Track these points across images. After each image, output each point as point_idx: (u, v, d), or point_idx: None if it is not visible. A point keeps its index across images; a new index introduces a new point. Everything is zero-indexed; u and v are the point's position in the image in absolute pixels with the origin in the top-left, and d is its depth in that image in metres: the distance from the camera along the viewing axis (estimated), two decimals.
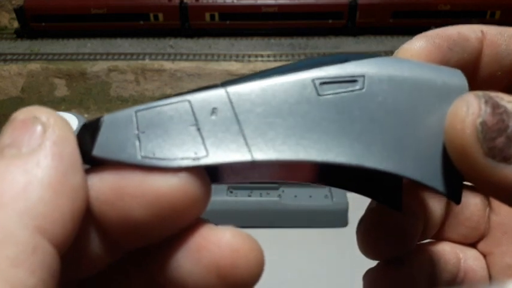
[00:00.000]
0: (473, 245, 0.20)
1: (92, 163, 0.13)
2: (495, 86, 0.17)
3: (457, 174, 0.14)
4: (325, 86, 0.14)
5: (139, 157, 0.13)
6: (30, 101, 1.00)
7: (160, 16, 1.03)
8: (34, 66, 0.98)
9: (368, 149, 0.14)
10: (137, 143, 0.13)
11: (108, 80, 0.98)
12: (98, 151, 0.13)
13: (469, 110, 0.12)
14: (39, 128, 0.12)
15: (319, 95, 0.14)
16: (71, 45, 1.06)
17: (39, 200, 0.11)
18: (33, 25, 1.06)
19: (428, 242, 0.20)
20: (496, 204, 0.19)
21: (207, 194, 0.14)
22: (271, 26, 1.04)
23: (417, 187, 0.18)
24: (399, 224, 0.17)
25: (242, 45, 1.04)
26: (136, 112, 0.13)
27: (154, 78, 0.97)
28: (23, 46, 1.06)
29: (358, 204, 0.93)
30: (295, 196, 0.81)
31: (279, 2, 1.00)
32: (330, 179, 0.17)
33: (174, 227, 0.13)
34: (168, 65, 0.96)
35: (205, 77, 0.96)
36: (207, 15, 1.02)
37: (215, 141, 0.13)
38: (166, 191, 0.13)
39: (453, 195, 0.14)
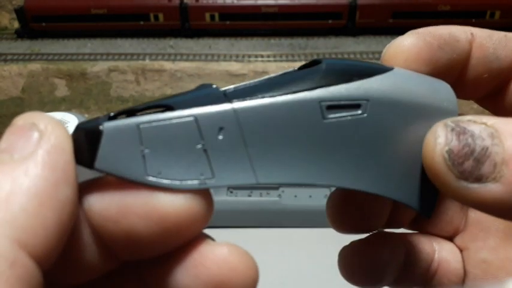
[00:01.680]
0: (450, 239, 0.20)
1: (92, 170, 0.12)
2: (482, 88, 0.18)
3: (433, 192, 0.15)
4: (330, 110, 0.14)
5: (145, 176, 0.12)
6: (30, 101, 1.00)
7: (161, 16, 1.03)
8: (34, 66, 0.98)
9: (358, 174, 0.14)
10: (143, 160, 0.12)
11: (108, 80, 0.98)
12: (100, 164, 0.12)
13: (437, 140, 0.14)
14: (35, 135, 0.12)
15: (324, 118, 0.14)
16: (71, 46, 1.06)
17: (22, 211, 0.11)
18: (33, 25, 1.07)
19: (405, 231, 0.20)
20: None
21: (210, 212, 0.14)
22: (271, 26, 1.04)
23: None
24: (364, 199, 0.18)
25: (242, 45, 1.04)
26: (139, 125, 0.12)
27: (154, 78, 0.97)
28: (23, 46, 1.07)
29: None
30: (295, 196, 0.81)
31: (279, 3, 1.00)
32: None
33: (175, 243, 0.13)
34: (168, 65, 0.96)
35: (205, 77, 0.96)
36: (207, 16, 1.02)
37: (221, 163, 0.13)
38: (172, 210, 0.12)
39: (427, 212, 0.16)
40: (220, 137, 0.13)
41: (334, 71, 0.14)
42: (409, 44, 0.16)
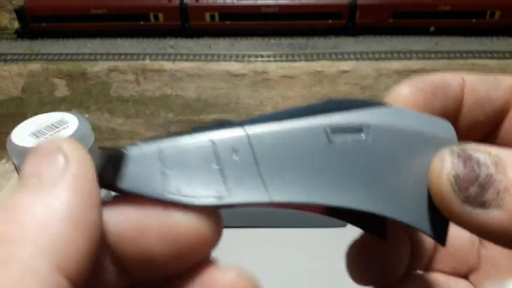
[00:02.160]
0: (465, 277, 0.21)
1: (121, 193, 0.14)
2: (479, 130, 0.18)
3: (444, 218, 0.15)
4: (335, 134, 0.15)
5: (164, 193, 0.13)
6: (30, 101, 1.00)
7: (161, 16, 1.03)
8: (34, 66, 0.98)
9: (368, 195, 0.15)
10: (163, 179, 0.13)
11: (108, 80, 0.98)
12: (124, 184, 0.13)
13: (443, 165, 0.14)
14: (61, 159, 0.12)
15: (330, 141, 0.15)
16: (71, 46, 1.06)
17: (59, 236, 0.11)
18: (33, 25, 1.07)
19: (421, 272, 0.21)
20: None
21: (220, 233, 0.14)
22: (271, 26, 1.04)
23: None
24: (384, 251, 0.19)
25: (242, 45, 1.04)
26: (160, 148, 0.14)
27: (154, 78, 0.97)
28: (23, 46, 1.07)
29: None
30: None
31: (278, 2, 1.00)
32: (328, 212, 0.19)
33: (186, 263, 0.14)
34: (168, 65, 0.96)
35: (205, 77, 0.96)
36: (207, 16, 1.02)
37: (236, 182, 0.14)
38: (188, 230, 0.13)
39: (439, 238, 0.16)
40: (235, 158, 0.14)
41: (338, 103, 0.16)
42: (405, 93, 0.17)
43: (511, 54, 0.98)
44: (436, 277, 0.21)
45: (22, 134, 0.51)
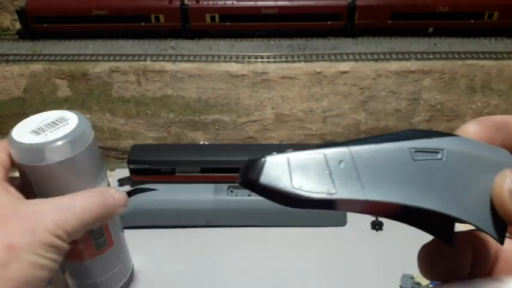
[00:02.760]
0: None
1: (258, 188, 0.19)
2: None
3: (503, 222, 0.20)
4: (418, 153, 0.20)
5: (291, 188, 0.19)
6: (32, 101, 1.01)
7: (162, 18, 1.03)
8: (36, 67, 0.99)
9: (444, 201, 0.19)
10: (290, 178, 0.19)
11: (109, 81, 0.99)
12: (263, 179, 0.19)
13: (505, 179, 0.19)
14: None
15: (413, 160, 0.20)
16: (72, 46, 1.07)
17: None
18: (35, 26, 1.07)
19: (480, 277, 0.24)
20: None
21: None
22: (270, 27, 1.05)
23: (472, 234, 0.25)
24: (450, 255, 0.23)
25: (242, 46, 1.05)
26: (289, 157, 0.19)
27: (155, 79, 0.98)
28: (25, 47, 1.07)
29: None
30: None
31: (278, 4, 1.01)
32: (402, 217, 0.22)
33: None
34: (169, 66, 0.97)
35: (205, 77, 0.97)
36: (208, 17, 1.03)
37: (341, 183, 0.19)
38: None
39: (499, 238, 0.20)
40: (341, 166, 0.19)
41: (420, 131, 0.21)
42: (472, 129, 0.21)
43: (509, 55, 0.99)
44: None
45: (23, 131, 0.51)
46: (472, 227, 0.22)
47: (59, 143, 0.48)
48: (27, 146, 0.48)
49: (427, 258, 0.23)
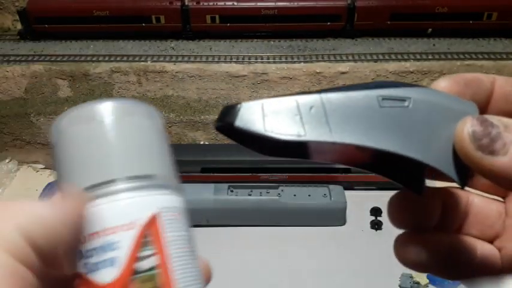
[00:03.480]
0: (490, 242, 0.25)
1: (233, 131, 0.20)
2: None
3: (465, 167, 0.20)
4: (385, 101, 0.20)
5: (263, 130, 0.19)
6: (33, 101, 1.01)
7: (162, 18, 1.04)
8: (37, 67, 0.99)
9: (409, 145, 0.20)
10: (263, 122, 0.20)
11: (110, 81, 0.99)
12: (237, 122, 0.20)
13: (465, 124, 0.20)
14: None
15: (380, 106, 0.20)
16: (73, 47, 1.07)
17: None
18: (36, 27, 1.08)
19: (451, 232, 0.25)
20: (511, 210, 0.25)
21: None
22: (270, 28, 1.05)
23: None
24: (419, 204, 0.24)
25: (242, 47, 1.05)
26: (263, 103, 0.20)
27: (156, 79, 0.98)
28: (26, 47, 1.08)
29: (356, 204, 0.96)
30: (295, 195, 0.83)
31: (278, 5, 1.01)
32: (371, 165, 0.23)
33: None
34: (169, 66, 0.97)
35: (206, 78, 0.98)
36: (208, 18, 1.04)
37: (310, 127, 0.20)
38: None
39: (461, 181, 0.21)
40: (311, 111, 0.20)
41: (388, 83, 0.21)
42: (443, 84, 0.22)
43: (508, 56, 1.00)
44: (465, 238, 0.25)
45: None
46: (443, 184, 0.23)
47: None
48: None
49: (396, 206, 0.24)
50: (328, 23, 1.04)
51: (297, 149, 0.21)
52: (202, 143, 0.99)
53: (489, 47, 1.04)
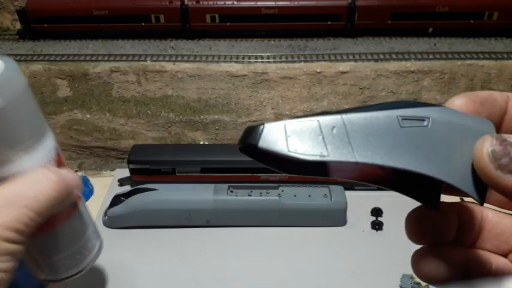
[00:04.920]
0: (504, 256, 0.25)
1: (257, 152, 0.20)
2: None
3: (483, 184, 0.21)
4: (405, 121, 0.21)
5: (286, 151, 0.20)
6: None
7: (162, 18, 1.04)
8: (36, 67, 0.99)
9: (430, 164, 0.21)
10: (286, 142, 0.20)
11: (110, 81, 0.99)
12: (261, 143, 0.20)
13: (484, 143, 0.20)
14: None
15: (401, 126, 0.21)
16: (73, 47, 1.07)
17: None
18: (35, 26, 1.07)
19: (466, 246, 0.26)
20: None
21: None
22: (270, 27, 1.05)
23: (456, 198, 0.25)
24: (436, 219, 0.24)
25: (242, 46, 1.05)
26: (285, 124, 0.20)
27: (155, 79, 0.98)
28: (25, 47, 1.07)
29: (356, 204, 0.95)
30: (295, 196, 0.82)
31: (278, 4, 1.01)
32: (390, 183, 0.24)
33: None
34: (169, 66, 0.97)
35: (205, 78, 0.97)
36: (208, 17, 1.03)
37: (333, 147, 0.20)
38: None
39: (479, 199, 0.22)
40: (334, 131, 0.20)
41: (408, 102, 0.22)
42: (458, 102, 0.23)
43: (509, 55, 0.99)
44: (481, 252, 0.25)
45: None
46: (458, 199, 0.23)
47: None
48: None
49: (414, 222, 0.24)
50: (329, 23, 1.04)
51: (319, 168, 0.22)
52: (202, 143, 0.99)
53: (490, 46, 1.03)
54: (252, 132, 0.20)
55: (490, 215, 0.25)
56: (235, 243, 0.81)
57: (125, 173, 0.91)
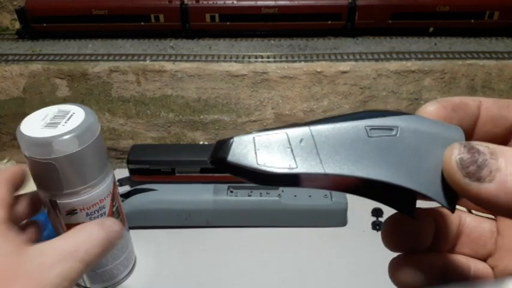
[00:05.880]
0: (483, 260, 0.26)
1: (226, 166, 0.21)
2: (493, 141, 0.22)
3: (453, 192, 0.21)
4: (373, 131, 0.21)
5: (255, 164, 0.20)
6: (31, 101, 1.00)
7: (161, 17, 1.03)
8: (35, 66, 0.99)
9: (398, 173, 0.21)
10: (255, 155, 0.20)
11: (109, 81, 0.98)
12: (230, 157, 0.21)
13: (453, 151, 0.20)
14: None
15: (369, 136, 0.21)
16: (72, 46, 1.06)
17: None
18: (34, 26, 1.07)
19: (444, 252, 0.26)
20: (502, 228, 0.25)
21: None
22: (271, 27, 1.04)
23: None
24: (411, 227, 0.24)
25: (242, 46, 1.04)
26: (254, 137, 0.21)
27: (155, 78, 0.97)
28: (25, 47, 1.07)
29: (357, 204, 0.95)
30: (295, 196, 0.82)
31: (278, 4, 1.01)
32: (363, 191, 0.24)
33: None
34: (168, 65, 0.97)
35: (205, 77, 0.97)
36: (208, 17, 1.03)
37: (302, 159, 0.21)
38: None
39: (450, 206, 0.22)
40: (302, 144, 0.21)
41: (375, 111, 0.22)
42: (430, 108, 0.23)
43: (510, 55, 0.99)
44: (459, 257, 0.26)
45: (31, 125, 0.53)
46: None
47: (67, 136, 0.50)
48: (36, 140, 0.49)
49: (390, 230, 0.25)
50: (329, 22, 1.04)
51: (290, 179, 0.22)
52: (201, 143, 0.99)
53: (491, 46, 1.03)
54: (222, 146, 0.21)
55: (467, 219, 0.26)
56: (235, 244, 0.81)
57: (124, 173, 0.91)
